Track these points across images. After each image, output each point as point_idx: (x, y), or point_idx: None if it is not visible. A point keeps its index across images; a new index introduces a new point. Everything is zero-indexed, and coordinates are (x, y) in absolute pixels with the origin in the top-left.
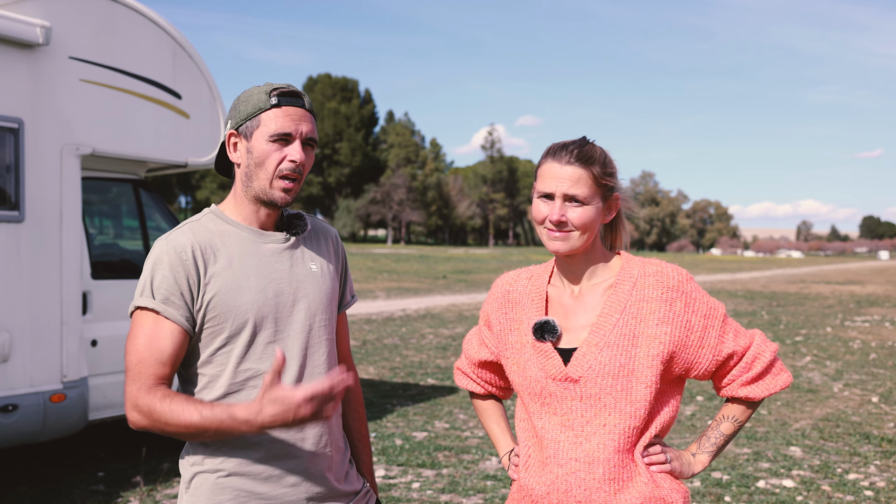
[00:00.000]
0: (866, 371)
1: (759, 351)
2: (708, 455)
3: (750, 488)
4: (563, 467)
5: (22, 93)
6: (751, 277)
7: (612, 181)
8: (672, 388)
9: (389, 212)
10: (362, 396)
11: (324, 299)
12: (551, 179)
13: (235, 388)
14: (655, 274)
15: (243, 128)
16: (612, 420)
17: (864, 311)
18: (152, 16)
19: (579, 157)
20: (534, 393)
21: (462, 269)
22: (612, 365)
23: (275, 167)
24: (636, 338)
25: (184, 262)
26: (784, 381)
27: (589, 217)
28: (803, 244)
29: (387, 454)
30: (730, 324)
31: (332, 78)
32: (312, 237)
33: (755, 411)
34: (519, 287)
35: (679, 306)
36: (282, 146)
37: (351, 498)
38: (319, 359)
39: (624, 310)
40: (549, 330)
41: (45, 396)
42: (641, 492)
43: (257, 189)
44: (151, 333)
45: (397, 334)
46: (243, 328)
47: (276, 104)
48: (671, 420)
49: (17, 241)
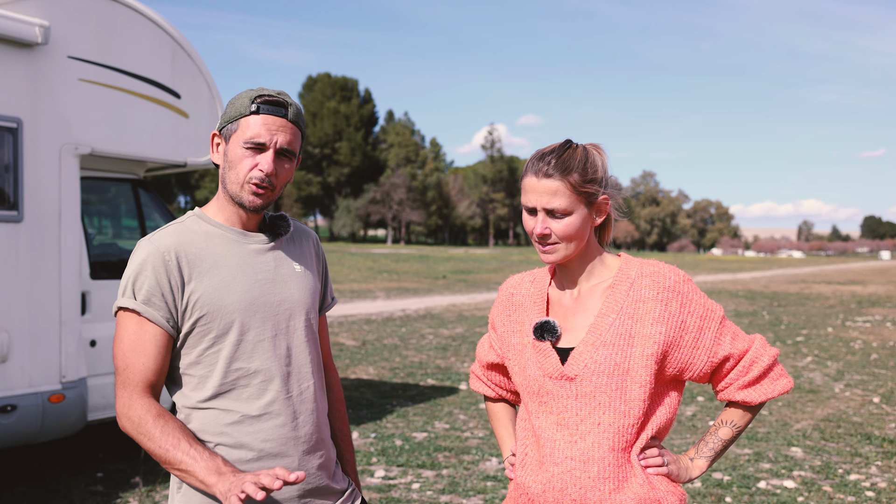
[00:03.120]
0: (867, 371)
1: (757, 355)
2: (706, 460)
3: (751, 489)
4: (559, 466)
5: (20, 92)
6: (752, 277)
7: (593, 187)
8: (668, 389)
9: (389, 212)
10: (343, 396)
11: (308, 299)
12: (531, 194)
13: (227, 387)
14: (652, 274)
15: (225, 130)
16: (607, 419)
17: (865, 311)
18: (151, 15)
19: (556, 167)
20: (532, 392)
21: (462, 270)
22: (608, 364)
23: (245, 173)
24: (632, 337)
25: (166, 262)
26: (783, 387)
27: (573, 227)
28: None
29: (387, 455)
30: (728, 326)
31: (332, 77)
32: (294, 239)
33: (755, 417)
34: (522, 290)
35: (675, 306)
36: (255, 154)
37: (338, 496)
38: (304, 359)
39: (621, 310)
40: (549, 330)
41: (43, 397)
42: (637, 493)
43: (230, 191)
44: (135, 336)
45: (397, 334)
46: (230, 328)
47: (254, 111)
48: (668, 422)
49: (15, 241)
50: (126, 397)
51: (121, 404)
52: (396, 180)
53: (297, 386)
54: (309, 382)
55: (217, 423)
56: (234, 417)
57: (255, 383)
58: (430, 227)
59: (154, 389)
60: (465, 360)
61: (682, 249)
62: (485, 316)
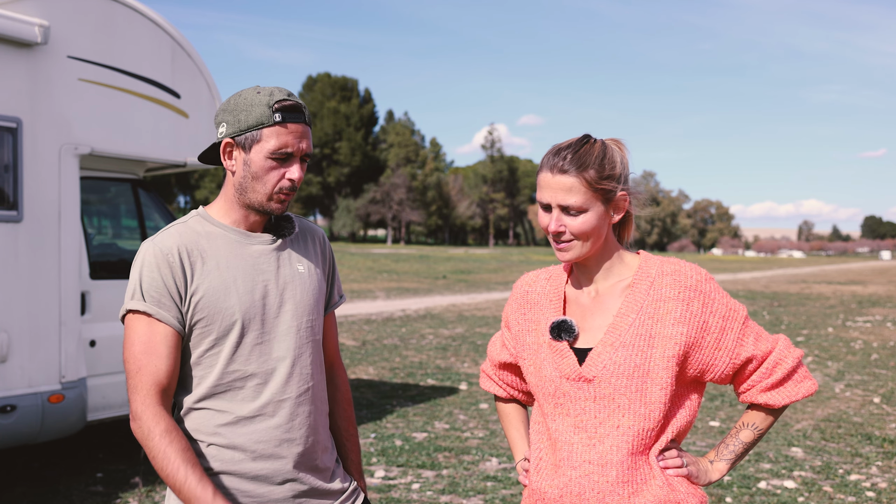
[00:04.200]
0: (868, 371)
1: (780, 356)
2: (726, 463)
3: (751, 489)
4: (577, 470)
5: (20, 92)
6: (752, 277)
7: (610, 184)
8: (689, 390)
9: (389, 212)
10: (350, 396)
11: (310, 301)
12: (546, 190)
13: (221, 388)
14: (673, 273)
15: (242, 138)
16: (626, 421)
17: (865, 311)
18: (151, 15)
19: (572, 163)
20: (548, 393)
21: (462, 270)
22: (627, 365)
23: (274, 185)
24: (653, 338)
25: (171, 263)
26: (807, 389)
27: (589, 224)
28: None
29: (386, 455)
30: (751, 327)
31: (332, 77)
32: (299, 238)
33: (777, 419)
34: (538, 288)
35: (696, 306)
36: (280, 164)
37: (338, 496)
38: (306, 360)
39: (641, 309)
40: (566, 329)
41: (43, 397)
42: (656, 495)
43: (253, 200)
44: (147, 338)
45: (397, 335)
46: (231, 329)
47: (279, 121)
48: (688, 424)
49: (15, 241)
50: (139, 402)
51: (133, 409)
52: (396, 180)
53: (297, 388)
54: (309, 385)
55: (210, 424)
56: (228, 418)
57: (250, 385)
58: (430, 227)
59: (166, 393)
60: (465, 361)
61: (683, 249)
62: (485, 316)
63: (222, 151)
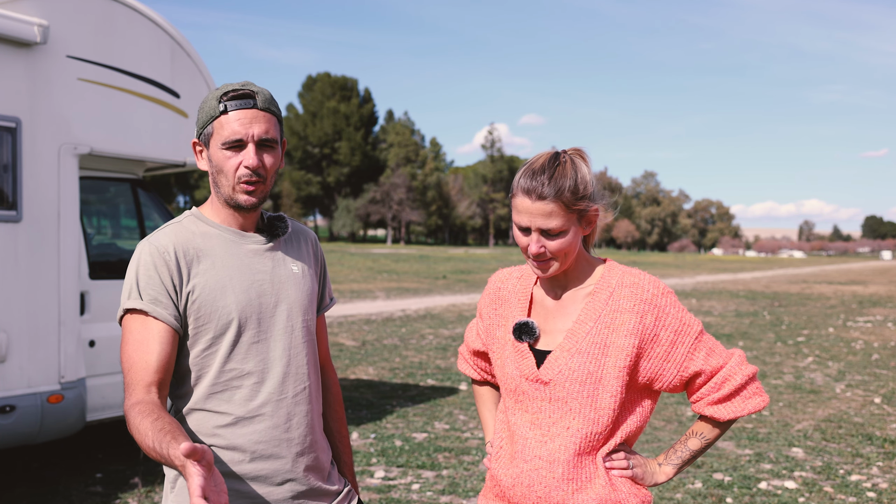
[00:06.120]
0: (869, 372)
1: (731, 372)
2: (673, 467)
3: (752, 489)
4: (529, 463)
5: (19, 92)
6: (752, 277)
7: (584, 203)
8: (641, 397)
9: (389, 211)
10: (341, 397)
11: (305, 300)
12: (525, 215)
13: (219, 387)
14: (632, 285)
15: (202, 136)
16: (576, 424)
17: (866, 311)
18: (151, 14)
19: (550, 189)
20: (509, 389)
21: (462, 270)
22: (581, 372)
23: (233, 174)
24: (607, 347)
25: (167, 262)
26: (755, 405)
27: (567, 243)
28: (805, 244)
29: (386, 455)
30: (704, 342)
31: (332, 77)
32: (292, 239)
33: (724, 432)
34: (509, 285)
35: (650, 319)
36: (236, 152)
37: (333, 497)
38: (301, 360)
39: (598, 318)
40: (527, 331)
41: (42, 397)
42: (599, 493)
43: (224, 194)
44: (140, 336)
45: (397, 335)
46: (227, 328)
47: (223, 110)
48: (639, 428)
49: (14, 241)
50: (128, 399)
51: (125, 405)
52: (396, 180)
53: (293, 388)
54: (305, 384)
55: (209, 425)
56: (227, 420)
57: (248, 384)
58: (430, 227)
59: (157, 387)
60: None
61: (683, 249)
62: None
63: (195, 154)
